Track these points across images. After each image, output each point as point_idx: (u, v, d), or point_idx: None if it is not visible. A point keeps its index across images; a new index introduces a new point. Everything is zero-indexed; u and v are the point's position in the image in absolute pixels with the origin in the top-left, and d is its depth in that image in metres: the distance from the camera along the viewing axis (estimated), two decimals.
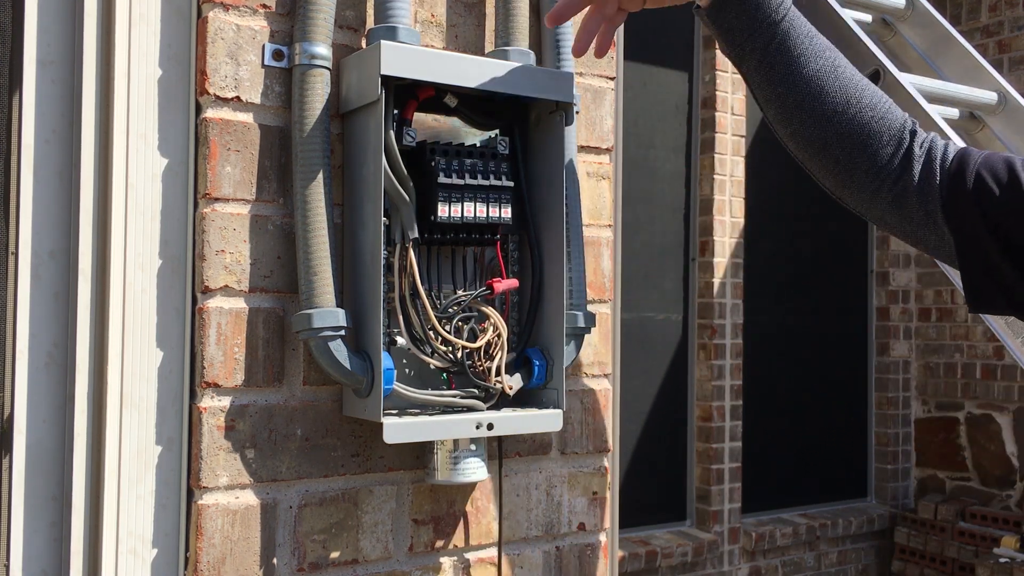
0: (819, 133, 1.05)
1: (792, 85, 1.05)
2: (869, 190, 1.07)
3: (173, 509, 1.25)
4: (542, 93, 1.31)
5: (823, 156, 1.07)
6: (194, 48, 1.26)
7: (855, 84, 1.06)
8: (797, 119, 1.06)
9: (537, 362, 1.35)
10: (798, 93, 1.05)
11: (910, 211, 1.06)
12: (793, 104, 1.05)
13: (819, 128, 1.05)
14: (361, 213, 1.27)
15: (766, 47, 1.04)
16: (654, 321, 4.34)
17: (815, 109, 1.05)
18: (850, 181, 1.07)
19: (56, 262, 1.24)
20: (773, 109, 1.07)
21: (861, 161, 1.06)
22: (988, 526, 4.53)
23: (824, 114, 1.05)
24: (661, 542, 4.12)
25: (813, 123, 1.05)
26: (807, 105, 1.05)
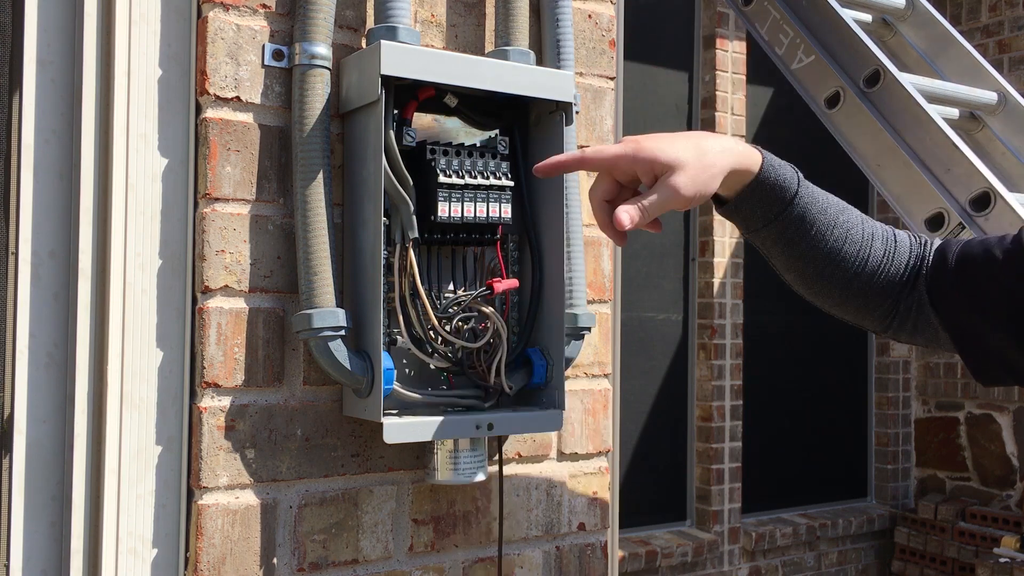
0: (839, 294, 1.09)
1: (811, 260, 1.07)
2: (885, 322, 1.11)
3: (173, 509, 1.25)
4: (542, 93, 1.31)
5: (843, 308, 1.11)
6: (194, 48, 1.26)
7: (867, 240, 1.08)
8: (817, 285, 1.09)
9: (537, 362, 1.35)
10: (816, 264, 1.07)
11: (914, 326, 1.10)
12: (813, 274, 1.08)
13: (839, 290, 1.08)
14: (361, 213, 1.27)
15: (783, 231, 1.05)
16: (654, 321, 4.34)
17: (834, 275, 1.07)
18: (868, 320, 1.11)
19: (56, 262, 1.24)
20: (792, 276, 1.10)
21: (878, 306, 1.09)
22: (988, 526, 4.53)
23: (843, 279, 1.08)
24: (661, 542, 4.12)
25: (832, 287, 1.08)
26: (826, 274, 1.07)
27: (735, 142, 1.04)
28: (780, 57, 2.17)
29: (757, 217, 1.05)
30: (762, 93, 4.66)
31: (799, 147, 4.78)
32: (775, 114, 4.71)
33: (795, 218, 1.04)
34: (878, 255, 1.08)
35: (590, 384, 1.51)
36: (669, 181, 1.00)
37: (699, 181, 1.00)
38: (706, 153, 1.01)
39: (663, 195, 1.00)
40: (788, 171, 1.05)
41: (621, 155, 1.01)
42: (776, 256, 1.08)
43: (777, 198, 1.04)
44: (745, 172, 1.03)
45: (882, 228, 1.10)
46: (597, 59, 1.52)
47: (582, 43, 1.50)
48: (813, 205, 1.05)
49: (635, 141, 1.02)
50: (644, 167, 1.01)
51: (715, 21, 4.37)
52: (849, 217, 1.08)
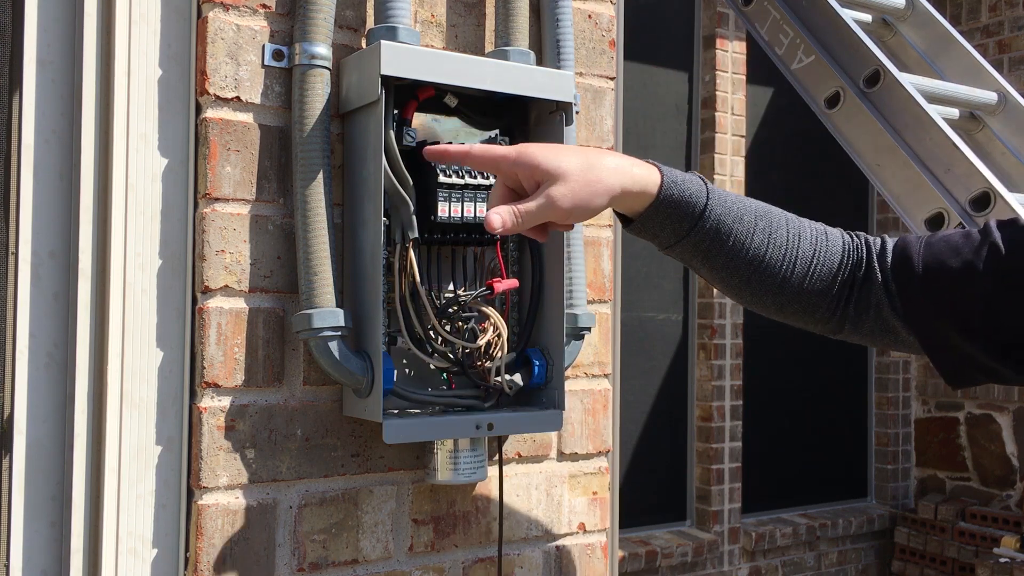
0: (772, 299, 1.05)
1: (733, 269, 1.03)
2: (831, 327, 1.08)
3: (173, 509, 1.25)
4: (542, 93, 1.31)
5: (782, 313, 1.08)
6: (194, 48, 1.26)
7: (792, 242, 1.04)
8: (747, 293, 1.05)
9: (537, 362, 1.35)
10: (741, 273, 1.03)
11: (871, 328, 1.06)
12: (740, 283, 1.04)
13: (771, 296, 1.05)
14: (361, 213, 1.27)
15: (698, 245, 1.02)
16: (654, 321, 4.34)
17: (763, 282, 1.04)
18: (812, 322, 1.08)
19: (56, 262, 1.24)
20: (720, 287, 1.07)
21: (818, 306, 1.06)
22: (988, 526, 4.53)
23: (772, 285, 1.04)
24: (661, 542, 4.12)
25: (764, 293, 1.05)
26: (754, 281, 1.04)
27: (632, 163, 1.00)
28: (780, 57, 2.17)
29: (667, 235, 1.02)
30: (762, 93, 4.66)
31: (799, 147, 4.78)
32: (775, 114, 4.71)
33: (708, 231, 1.01)
34: (807, 256, 1.04)
35: (590, 384, 1.51)
36: (548, 190, 0.97)
37: (580, 195, 0.97)
38: (593, 168, 0.98)
39: (539, 203, 0.97)
40: (694, 185, 1.01)
41: (504, 157, 0.99)
42: (698, 268, 1.05)
43: (685, 214, 1.00)
44: (642, 193, 0.99)
45: (811, 227, 1.06)
46: (597, 59, 1.52)
47: (582, 43, 1.50)
48: (727, 215, 1.02)
49: (523, 146, 0.99)
50: (525, 172, 0.98)
51: (715, 21, 4.38)
52: (771, 221, 1.04)
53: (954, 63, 2.20)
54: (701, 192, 1.01)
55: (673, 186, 1.00)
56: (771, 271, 1.03)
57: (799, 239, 1.05)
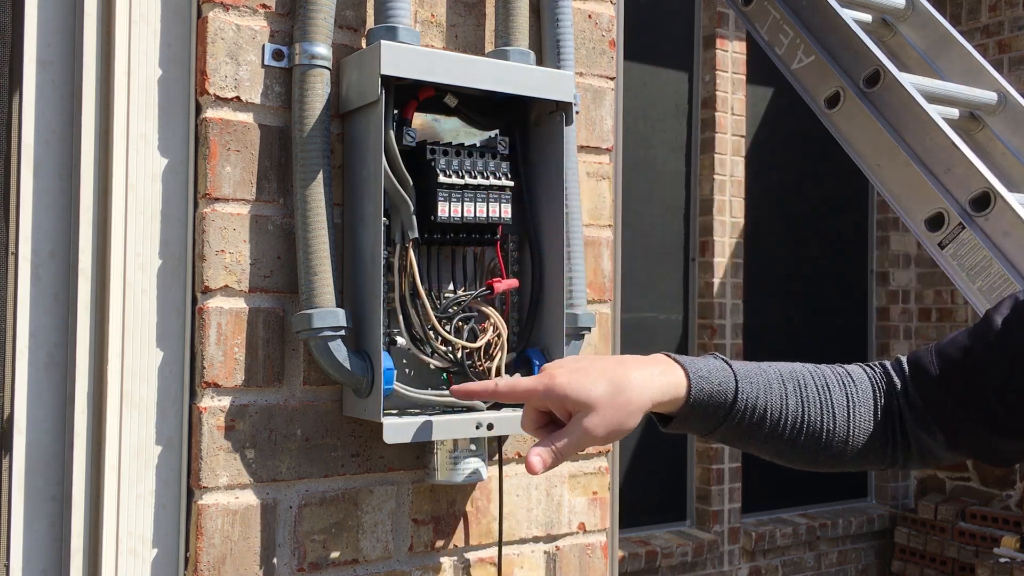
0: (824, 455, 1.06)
1: (777, 438, 1.04)
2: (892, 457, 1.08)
3: (173, 509, 1.25)
4: (542, 93, 1.31)
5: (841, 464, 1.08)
6: (194, 48, 1.26)
7: (822, 392, 1.05)
8: (799, 456, 1.06)
9: (537, 362, 1.35)
10: (785, 440, 1.04)
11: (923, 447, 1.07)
12: (787, 449, 1.05)
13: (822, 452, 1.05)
14: (361, 213, 1.27)
15: (736, 427, 1.02)
16: (654, 321, 4.34)
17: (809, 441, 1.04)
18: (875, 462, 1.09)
19: (56, 262, 1.24)
20: (769, 456, 1.07)
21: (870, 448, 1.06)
22: (988, 526, 4.53)
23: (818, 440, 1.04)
24: (661, 542, 4.12)
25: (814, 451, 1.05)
26: (799, 443, 1.04)
27: (657, 371, 0.99)
28: (780, 57, 2.17)
29: (704, 426, 1.02)
30: (762, 93, 4.66)
31: (799, 147, 4.78)
32: (775, 114, 4.71)
33: (744, 412, 1.01)
34: (841, 402, 1.05)
35: None
36: (582, 422, 0.96)
37: (613, 421, 0.96)
38: (623, 391, 0.96)
39: (575, 436, 0.96)
40: (720, 374, 1.01)
41: (532, 390, 0.97)
42: (743, 446, 1.05)
43: (718, 405, 1.00)
44: (674, 400, 0.99)
45: (833, 372, 1.08)
46: (597, 59, 1.52)
47: (582, 43, 1.50)
48: (757, 391, 1.02)
49: (549, 376, 0.97)
50: (555, 404, 0.98)
51: (715, 21, 4.38)
52: (798, 380, 1.05)
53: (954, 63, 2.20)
54: (729, 379, 1.01)
55: (702, 382, 1.00)
56: (813, 427, 1.04)
57: (828, 388, 1.06)
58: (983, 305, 1.80)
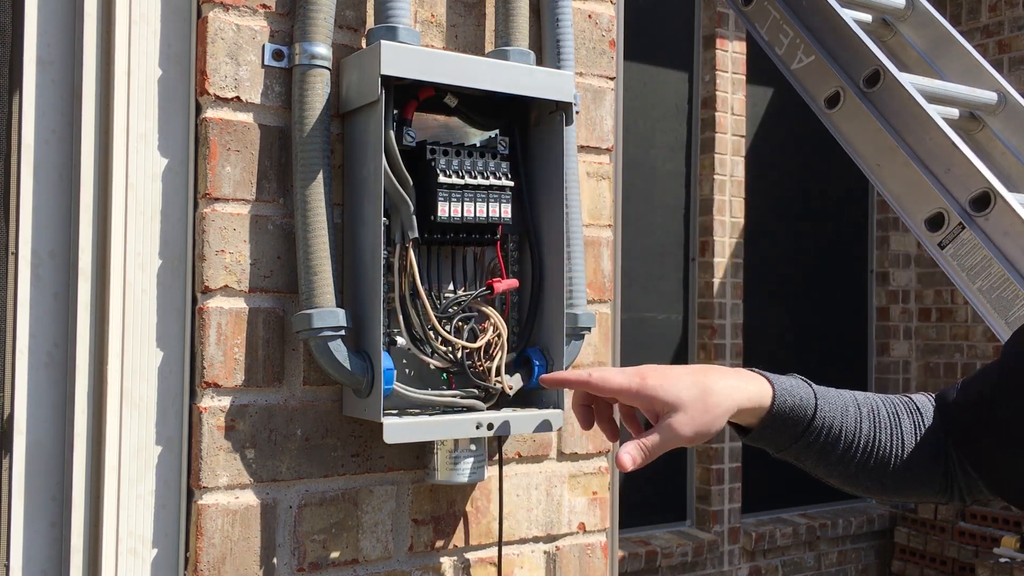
0: (891, 480, 1.07)
1: (848, 460, 1.05)
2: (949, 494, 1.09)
3: (173, 509, 1.25)
4: (542, 93, 1.31)
5: (902, 496, 1.10)
6: (194, 48, 1.26)
7: (892, 420, 1.06)
8: (865, 480, 1.07)
9: (537, 362, 1.35)
10: (856, 462, 1.05)
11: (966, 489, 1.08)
12: (856, 472, 1.06)
13: (889, 477, 1.06)
14: (361, 213, 1.27)
15: (812, 444, 1.04)
16: (654, 321, 4.34)
17: (878, 465, 1.05)
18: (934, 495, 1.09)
19: (56, 262, 1.24)
20: (837, 480, 1.08)
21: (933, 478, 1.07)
22: (988, 526, 4.53)
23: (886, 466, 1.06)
24: (661, 542, 4.12)
25: (882, 475, 1.06)
26: (869, 466, 1.05)
27: (744, 380, 1.02)
28: (780, 57, 2.17)
29: (782, 440, 1.04)
30: (762, 93, 4.66)
31: (799, 147, 4.78)
32: (775, 114, 4.71)
33: (821, 431, 1.02)
34: (909, 428, 1.06)
35: None
36: (670, 422, 0.98)
37: (700, 422, 0.98)
38: (711, 394, 0.99)
39: (664, 436, 0.99)
40: (802, 390, 1.03)
41: (625, 388, 1.01)
42: (813, 467, 1.07)
43: (798, 419, 1.02)
44: (757, 408, 1.01)
45: (901, 400, 1.09)
46: (597, 59, 1.52)
47: (582, 43, 1.50)
48: (834, 412, 1.03)
49: (641, 376, 1.00)
50: (645, 404, 1.00)
51: (715, 21, 4.38)
52: (872, 406, 1.07)
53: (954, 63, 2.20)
54: (809, 396, 1.03)
55: (786, 395, 1.02)
56: (883, 453, 1.05)
57: (899, 416, 1.07)
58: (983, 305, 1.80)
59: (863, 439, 1.04)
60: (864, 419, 1.05)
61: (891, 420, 1.06)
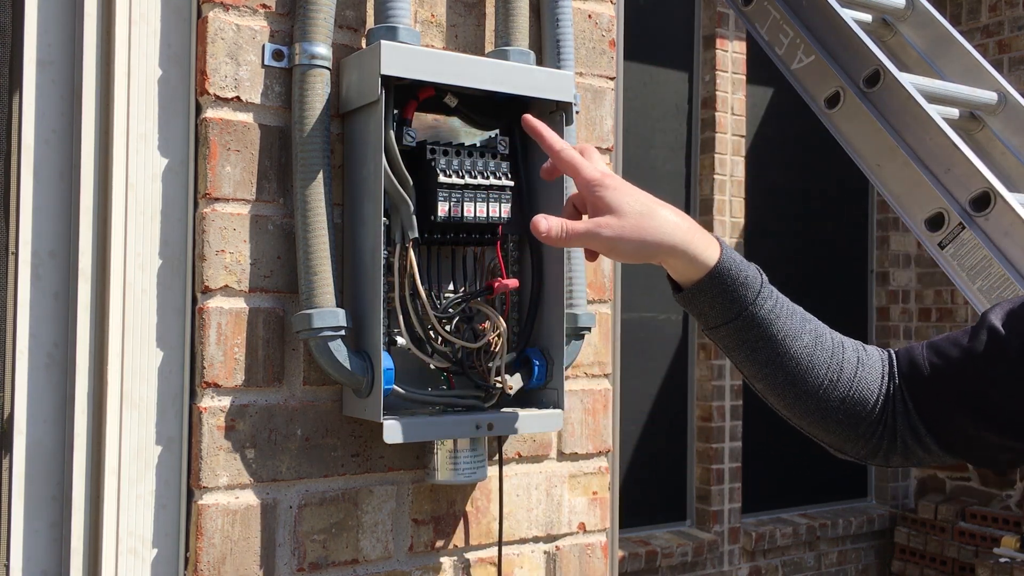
0: (814, 405, 1.03)
1: (778, 366, 1.01)
2: (871, 442, 1.05)
3: (173, 509, 1.25)
4: (542, 93, 1.31)
5: (823, 424, 1.05)
6: (194, 48, 1.26)
7: (837, 348, 1.03)
8: (790, 394, 1.03)
9: (537, 362, 1.35)
10: (785, 371, 1.01)
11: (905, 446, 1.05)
12: (783, 383, 1.02)
13: (813, 400, 1.02)
14: (361, 213, 1.27)
15: (745, 333, 1.00)
16: (654, 321, 4.34)
17: (806, 384, 1.02)
18: (850, 440, 1.05)
19: (56, 262, 1.24)
20: (761, 386, 1.05)
21: (858, 421, 1.04)
22: (988, 526, 4.53)
23: (816, 388, 1.02)
24: (661, 542, 4.12)
25: (807, 397, 1.02)
26: (798, 383, 1.02)
27: (696, 228, 1.00)
28: (780, 57, 2.17)
29: (715, 313, 1.00)
30: (762, 93, 4.66)
31: (799, 147, 4.78)
32: (775, 114, 4.71)
33: (758, 319, 0.99)
34: (851, 363, 1.03)
35: (590, 384, 1.51)
36: (599, 218, 0.99)
37: (625, 232, 0.98)
38: (653, 216, 0.99)
39: (586, 227, 1.00)
40: (750, 270, 1.00)
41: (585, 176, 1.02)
42: (741, 361, 1.03)
43: (737, 297, 0.99)
44: (697, 260, 0.99)
45: (850, 340, 1.06)
46: (597, 59, 1.52)
47: (582, 43, 1.50)
48: (778, 308, 1.00)
49: (606, 176, 1.01)
50: (591, 199, 1.01)
51: (715, 21, 4.38)
52: (816, 325, 1.04)
53: (954, 63, 2.20)
54: (756, 279, 1.00)
55: (731, 263, 0.99)
56: (818, 371, 1.02)
57: (843, 346, 1.04)
58: (983, 305, 1.80)
59: (802, 350, 1.01)
60: (807, 333, 1.02)
61: (834, 346, 1.03)
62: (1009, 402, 0.97)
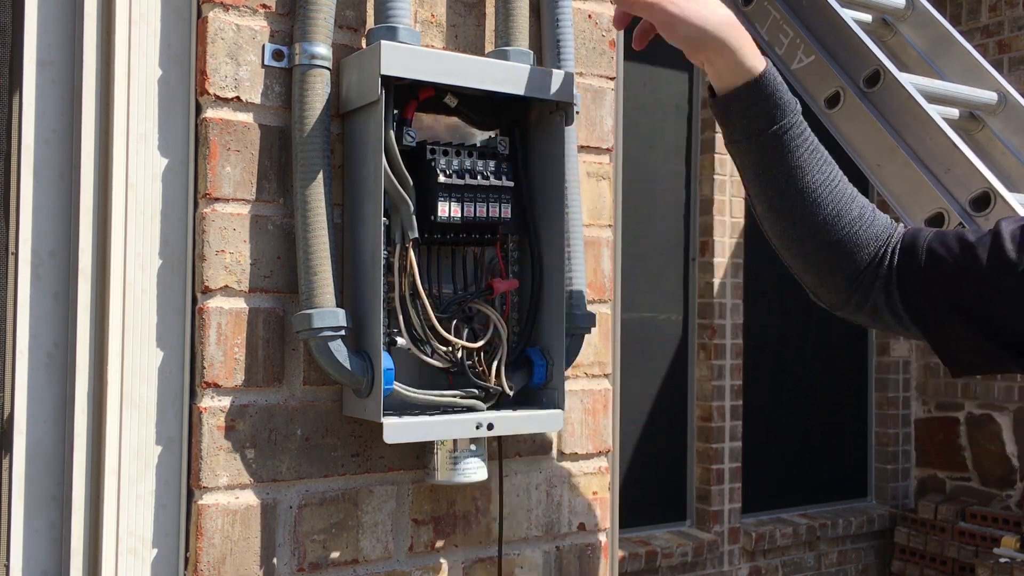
0: (806, 239, 1.06)
1: (789, 190, 1.05)
2: (844, 293, 1.08)
3: (173, 509, 1.25)
4: (542, 93, 1.31)
5: (806, 260, 1.09)
6: (194, 48, 1.26)
7: (847, 198, 1.07)
8: (787, 221, 1.06)
9: (537, 362, 1.35)
10: (791, 200, 1.05)
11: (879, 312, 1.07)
12: (784, 208, 1.05)
13: (807, 234, 1.06)
14: (361, 213, 1.27)
15: (764, 152, 1.03)
16: (654, 321, 4.34)
17: (805, 217, 1.05)
18: (828, 283, 1.09)
19: (56, 262, 1.24)
20: (763, 207, 1.08)
21: (842, 268, 1.07)
22: (988, 526, 4.53)
23: (814, 223, 1.05)
24: (661, 542, 4.12)
25: (802, 229, 1.06)
26: (797, 212, 1.05)
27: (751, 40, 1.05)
28: (780, 57, 2.16)
29: (743, 125, 1.04)
30: None
31: None
32: None
33: (782, 143, 1.03)
34: (854, 214, 1.06)
35: (590, 384, 1.51)
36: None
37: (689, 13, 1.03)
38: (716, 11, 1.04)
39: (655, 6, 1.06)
40: (790, 98, 1.04)
41: None
42: (751, 180, 1.07)
43: (768, 113, 1.02)
44: (742, 65, 1.03)
45: (866, 200, 1.09)
46: (597, 59, 1.52)
47: (582, 43, 1.50)
48: (804, 141, 1.04)
49: None
50: None
51: None
52: (836, 172, 1.07)
53: (954, 63, 2.20)
54: (793, 107, 1.05)
55: (773, 81, 1.04)
56: (820, 210, 1.05)
57: (852, 199, 1.07)
58: None
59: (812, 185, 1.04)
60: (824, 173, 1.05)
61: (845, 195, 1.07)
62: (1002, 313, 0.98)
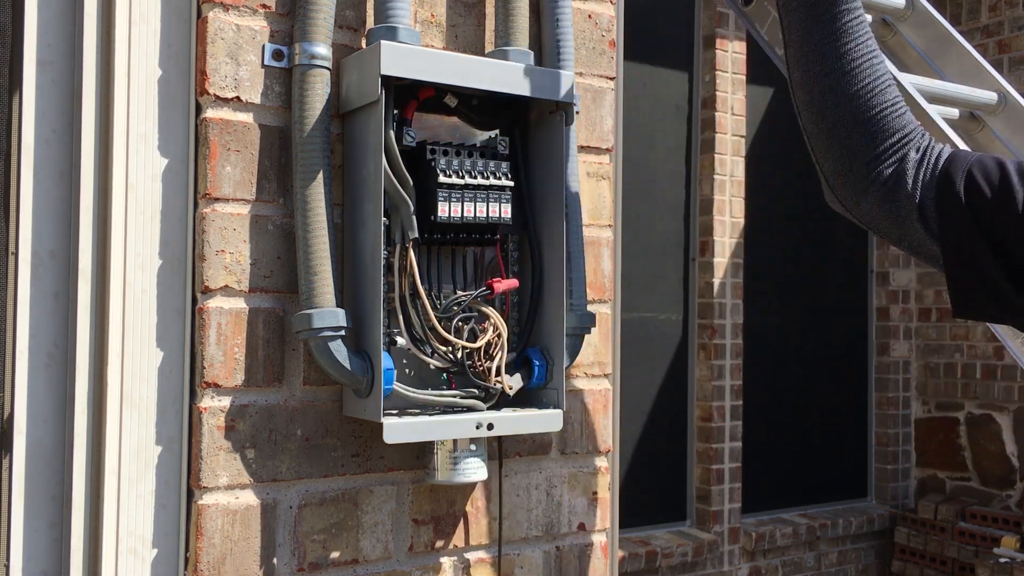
0: (836, 109, 1.07)
1: (828, 56, 1.06)
2: (864, 181, 1.08)
3: (173, 509, 1.25)
4: (542, 93, 1.31)
5: (831, 135, 1.09)
6: (194, 48, 1.26)
7: (885, 79, 1.07)
8: (820, 87, 1.07)
9: (537, 362, 1.35)
10: (830, 65, 1.06)
11: (899, 208, 1.06)
12: (821, 74, 1.07)
13: (838, 103, 1.07)
14: (361, 213, 1.27)
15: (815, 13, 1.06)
16: (654, 321, 4.34)
17: (841, 85, 1.07)
18: (849, 167, 1.08)
19: (56, 262, 1.24)
20: (800, 72, 1.09)
21: (866, 148, 1.07)
22: (988, 526, 4.53)
23: (847, 92, 1.06)
24: (661, 542, 4.12)
25: (834, 97, 1.07)
26: (834, 78, 1.06)
27: None
28: (780, 57, 2.16)
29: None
30: (762, 93, 4.66)
31: (799, 147, 4.77)
32: (775, 114, 4.71)
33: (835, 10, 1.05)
34: (888, 97, 1.07)
35: (590, 384, 1.51)
36: None
37: None
38: None
39: None
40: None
41: None
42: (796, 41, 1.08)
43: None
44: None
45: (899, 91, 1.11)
46: (597, 59, 1.52)
47: (582, 43, 1.50)
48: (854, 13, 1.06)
49: None
50: None
51: (715, 21, 4.37)
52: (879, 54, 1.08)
53: (954, 63, 2.20)
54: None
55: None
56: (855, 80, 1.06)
57: (892, 84, 1.08)
58: None
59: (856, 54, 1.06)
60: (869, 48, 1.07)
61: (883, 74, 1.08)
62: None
